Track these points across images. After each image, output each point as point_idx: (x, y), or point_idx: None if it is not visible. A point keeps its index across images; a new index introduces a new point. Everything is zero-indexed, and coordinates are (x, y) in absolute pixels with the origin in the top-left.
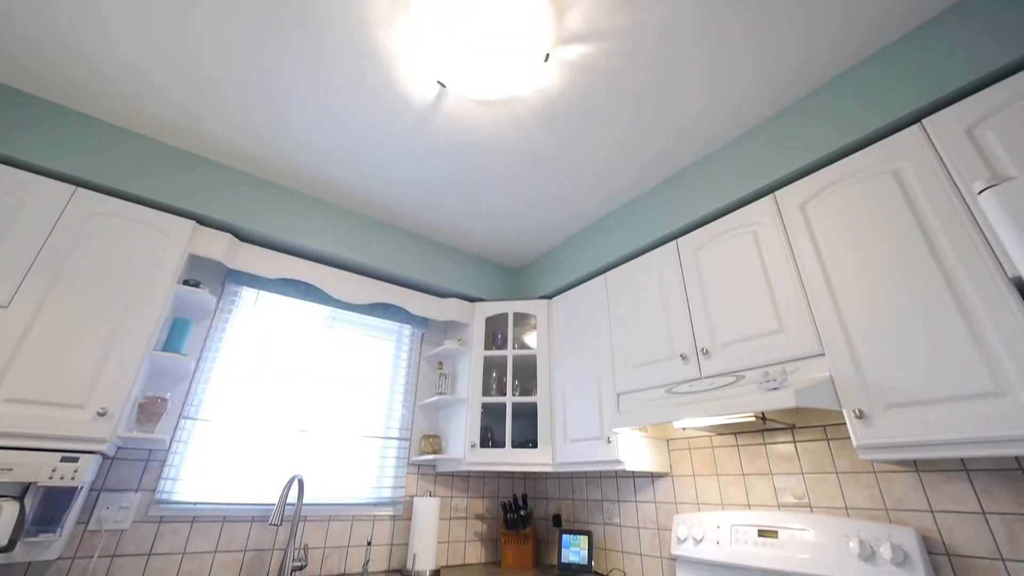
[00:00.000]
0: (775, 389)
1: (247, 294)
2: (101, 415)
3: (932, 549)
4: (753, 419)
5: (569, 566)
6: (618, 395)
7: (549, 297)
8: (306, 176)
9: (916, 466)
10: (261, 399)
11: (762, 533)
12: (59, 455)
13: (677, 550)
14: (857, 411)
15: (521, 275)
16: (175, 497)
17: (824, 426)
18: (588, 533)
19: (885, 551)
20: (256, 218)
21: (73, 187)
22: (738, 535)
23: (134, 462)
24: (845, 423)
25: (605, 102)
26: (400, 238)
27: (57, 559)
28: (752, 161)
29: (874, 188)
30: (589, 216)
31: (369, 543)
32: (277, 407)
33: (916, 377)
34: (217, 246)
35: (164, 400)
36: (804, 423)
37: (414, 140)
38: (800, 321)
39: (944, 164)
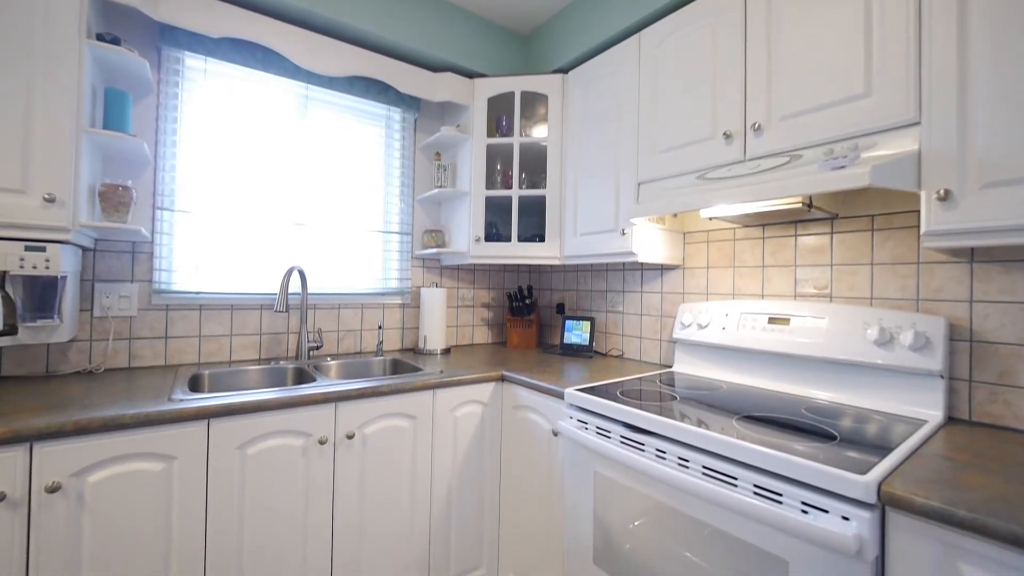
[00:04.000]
0: (842, 168)
1: (193, 62)
2: (49, 201)
3: (955, 336)
4: (797, 206)
5: (570, 346)
6: (639, 184)
7: (565, 71)
8: None
9: (972, 256)
10: (245, 190)
11: (773, 320)
12: (21, 244)
13: (679, 334)
14: (942, 192)
15: (531, 43)
16: (175, 287)
17: (872, 215)
18: (591, 319)
19: (906, 337)
20: None
21: None
22: (746, 322)
23: (120, 254)
24: (898, 212)
25: None
26: None
27: (73, 341)
28: None
29: None
30: None
31: (380, 327)
32: (266, 199)
33: None
34: None
35: (126, 188)
36: (849, 212)
37: None
38: (898, 80)
39: None
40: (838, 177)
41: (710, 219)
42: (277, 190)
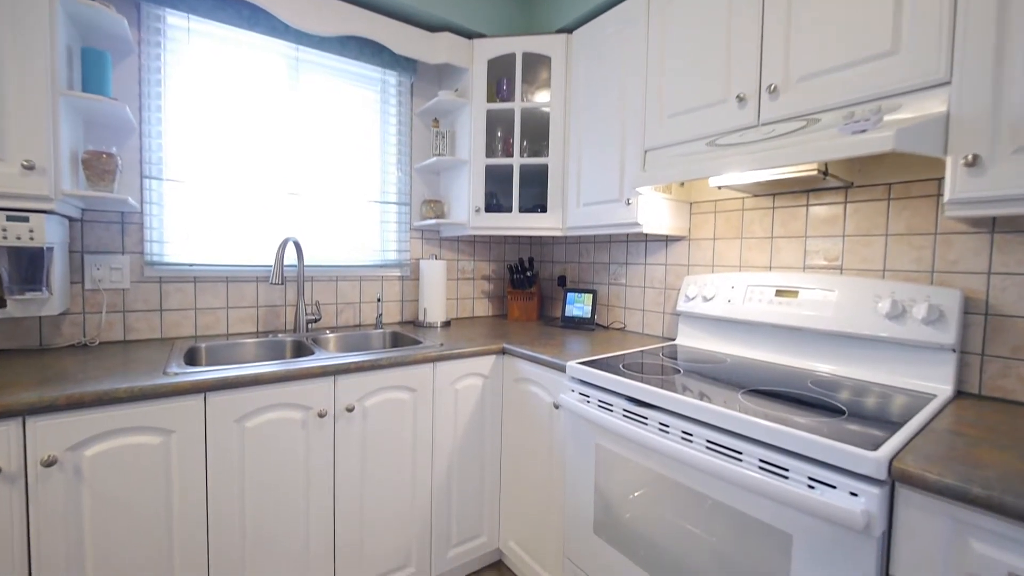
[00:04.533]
0: (863, 132)
1: (175, 20)
2: (28, 168)
3: (969, 309)
4: (812, 174)
5: (572, 319)
6: (645, 152)
7: (569, 31)
8: None
9: (993, 226)
10: (236, 158)
11: (780, 293)
12: (2, 214)
13: (683, 307)
14: (970, 157)
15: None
16: (167, 259)
17: (889, 184)
18: (593, 292)
19: (919, 311)
20: None
21: None
22: (753, 294)
23: (108, 224)
24: (916, 180)
25: None
26: None
27: (65, 314)
28: None
29: None
30: None
31: (379, 299)
32: (258, 168)
33: None
34: None
35: (111, 155)
36: (866, 180)
37: None
38: (930, 35)
39: None
40: (859, 142)
41: (719, 188)
42: (269, 158)
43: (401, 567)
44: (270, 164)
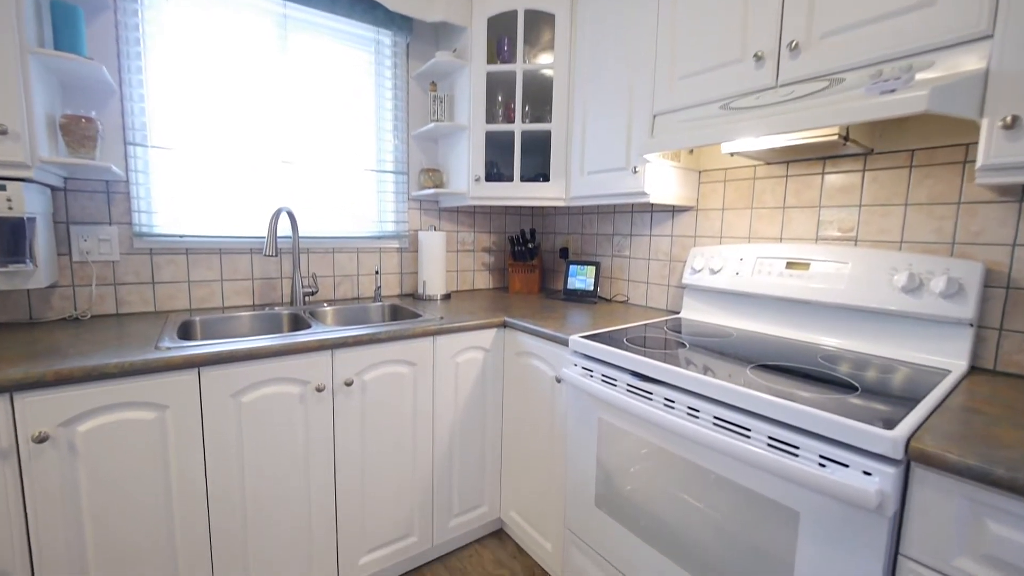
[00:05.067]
0: (892, 91)
1: None
2: (1, 133)
3: (990, 282)
4: (832, 140)
5: (574, 292)
6: (654, 116)
7: None
8: None
9: (1022, 194)
10: (224, 124)
11: (791, 265)
12: None
13: (689, 280)
14: (1008, 119)
15: None
16: (156, 230)
17: (912, 150)
18: (596, 264)
19: (937, 284)
20: None
21: None
22: (762, 267)
23: (93, 194)
24: (941, 146)
25: None
26: None
27: (54, 287)
28: None
29: None
30: None
31: (377, 272)
32: (248, 134)
33: None
34: None
35: (90, 120)
36: (886, 147)
37: None
38: None
39: None
40: (888, 103)
41: (731, 155)
42: (259, 124)
43: (403, 536)
44: (260, 130)
